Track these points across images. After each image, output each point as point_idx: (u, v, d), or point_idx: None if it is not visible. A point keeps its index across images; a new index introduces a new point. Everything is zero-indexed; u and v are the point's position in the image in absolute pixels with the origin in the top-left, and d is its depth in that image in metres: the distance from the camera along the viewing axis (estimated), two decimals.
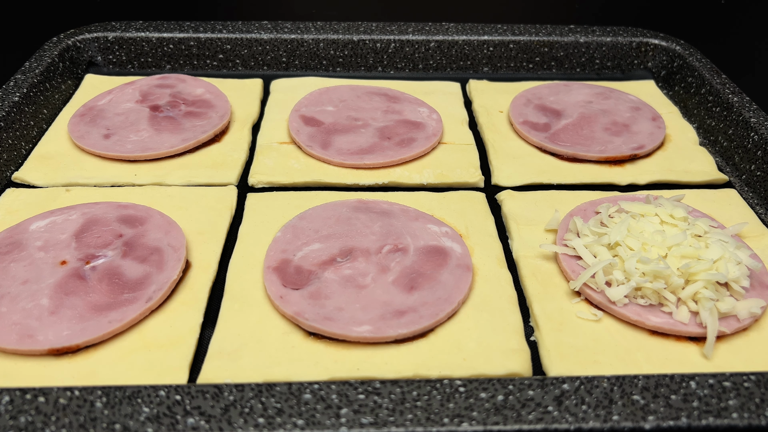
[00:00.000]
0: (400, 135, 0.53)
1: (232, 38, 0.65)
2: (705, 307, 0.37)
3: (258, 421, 0.29)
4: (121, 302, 0.37)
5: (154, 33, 0.65)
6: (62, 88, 0.61)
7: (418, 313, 0.37)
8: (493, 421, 0.30)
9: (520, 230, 0.45)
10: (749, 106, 0.55)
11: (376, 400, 0.30)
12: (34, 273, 0.39)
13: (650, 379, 0.32)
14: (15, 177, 0.49)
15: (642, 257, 0.38)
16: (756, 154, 0.52)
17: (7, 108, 0.52)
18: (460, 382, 0.31)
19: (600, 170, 0.52)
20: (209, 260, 0.42)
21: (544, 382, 0.31)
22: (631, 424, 0.30)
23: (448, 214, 0.46)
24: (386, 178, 0.50)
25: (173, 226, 0.43)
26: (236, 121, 0.56)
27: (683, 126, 0.58)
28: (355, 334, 0.36)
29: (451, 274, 0.40)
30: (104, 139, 0.52)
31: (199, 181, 0.49)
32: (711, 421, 0.30)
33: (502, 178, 0.51)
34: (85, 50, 0.65)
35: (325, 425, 0.29)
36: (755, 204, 0.50)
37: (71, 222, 0.43)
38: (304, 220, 0.44)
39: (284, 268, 0.40)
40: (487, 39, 0.66)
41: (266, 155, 0.52)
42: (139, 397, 0.30)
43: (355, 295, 0.38)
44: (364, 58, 0.66)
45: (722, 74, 0.60)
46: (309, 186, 0.49)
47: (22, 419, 0.29)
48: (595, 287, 0.39)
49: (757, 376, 0.32)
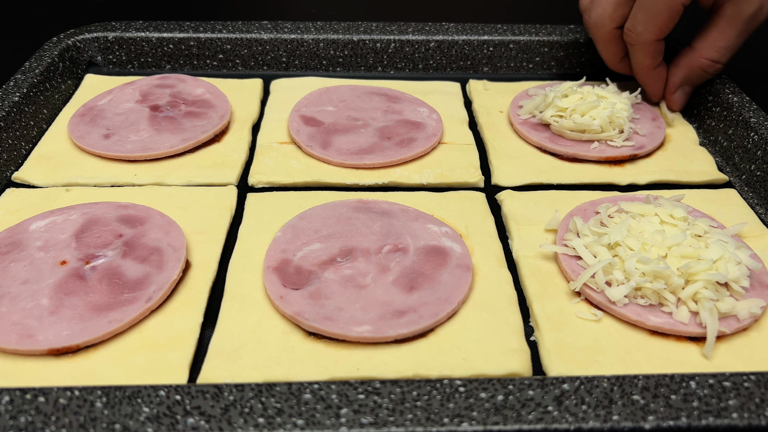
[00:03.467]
0: (400, 135, 0.53)
1: (232, 38, 0.65)
2: (705, 307, 0.37)
3: (258, 421, 0.29)
4: (121, 302, 0.37)
5: (154, 33, 0.65)
6: (62, 88, 0.61)
7: (418, 313, 0.37)
8: (493, 421, 0.30)
9: (520, 230, 0.45)
10: (749, 106, 0.55)
11: (376, 400, 0.30)
12: (34, 273, 0.39)
13: (650, 379, 0.32)
14: (15, 177, 0.49)
15: (642, 257, 0.38)
16: (756, 154, 0.52)
17: (7, 108, 0.52)
18: (460, 382, 0.31)
19: (600, 170, 0.52)
20: (209, 260, 0.42)
21: (544, 382, 0.31)
22: (631, 424, 0.30)
23: (448, 214, 0.46)
24: (386, 178, 0.50)
25: (173, 226, 0.43)
26: (236, 121, 0.56)
27: (683, 126, 0.58)
28: (355, 334, 0.36)
29: (451, 274, 0.40)
30: (104, 139, 0.52)
31: (199, 181, 0.49)
32: (711, 421, 0.30)
33: (502, 178, 0.51)
34: (85, 50, 0.65)
35: (325, 425, 0.29)
36: (755, 204, 0.50)
37: (71, 222, 0.43)
38: (304, 220, 0.44)
39: (284, 268, 0.40)
40: (487, 39, 0.66)
41: (266, 155, 0.52)
42: (139, 397, 0.30)
43: (355, 295, 0.38)
44: (364, 58, 0.66)
45: (722, 74, 0.60)
46: (309, 186, 0.49)
47: (22, 419, 0.29)
48: (595, 287, 0.39)
49: (757, 376, 0.32)
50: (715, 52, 0.54)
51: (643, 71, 0.57)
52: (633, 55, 0.56)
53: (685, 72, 0.56)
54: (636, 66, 0.57)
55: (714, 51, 0.54)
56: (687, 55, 0.56)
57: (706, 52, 0.54)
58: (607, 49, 0.58)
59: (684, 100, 0.58)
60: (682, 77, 0.56)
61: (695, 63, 0.55)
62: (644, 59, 0.55)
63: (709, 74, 0.56)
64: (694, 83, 0.57)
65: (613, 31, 0.55)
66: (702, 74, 0.56)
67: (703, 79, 0.57)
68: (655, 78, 0.57)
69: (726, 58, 0.54)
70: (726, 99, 0.57)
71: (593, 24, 0.56)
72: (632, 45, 0.54)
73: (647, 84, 0.58)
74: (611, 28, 0.55)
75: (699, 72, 0.56)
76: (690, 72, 0.56)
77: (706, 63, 0.54)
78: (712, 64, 0.55)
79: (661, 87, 0.58)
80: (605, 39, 0.56)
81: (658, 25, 0.52)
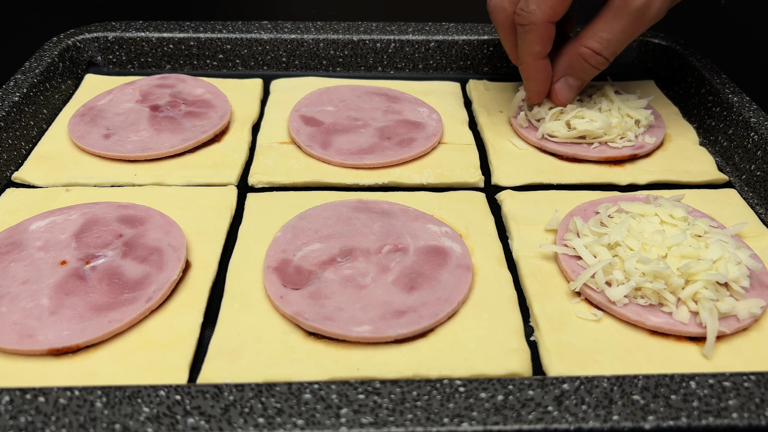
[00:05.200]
0: (400, 135, 0.53)
1: (232, 38, 0.65)
2: (705, 307, 0.37)
3: (258, 421, 0.29)
4: (121, 302, 0.37)
5: (154, 33, 0.65)
6: (62, 88, 0.61)
7: (418, 313, 0.37)
8: (493, 421, 0.30)
9: (520, 230, 0.45)
10: (749, 106, 0.55)
11: (376, 400, 0.30)
12: (34, 273, 0.39)
13: (650, 379, 0.32)
14: (15, 177, 0.49)
15: (642, 257, 0.38)
16: (756, 154, 0.52)
17: (7, 108, 0.52)
18: (460, 382, 0.31)
19: (600, 170, 0.52)
20: (209, 260, 0.42)
21: (544, 382, 0.31)
22: (631, 424, 0.30)
23: (448, 214, 0.46)
24: (386, 178, 0.50)
25: (173, 226, 0.43)
26: (236, 121, 0.56)
27: (683, 126, 0.58)
28: (355, 334, 0.36)
29: (451, 274, 0.40)
30: (104, 139, 0.52)
31: (199, 181, 0.49)
32: (711, 421, 0.30)
33: (502, 178, 0.51)
34: (85, 50, 0.65)
35: (325, 425, 0.29)
36: (755, 204, 0.50)
37: (71, 222, 0.43)
38: (304, 220, 0.44)
39: (284, 268, 0.40)
40: (487, 39, 0.66)
41: (266, 155, 0.52)
42: (139, 397, 0.30)
43: (355, 295, 0.38)
44: (364, 58, 0.66)
45: (722, 74, 0.60)
46: (309, 186, 0.49)
47: (22, 419, 0.29)
48: (595, 287, 0.39)
49: (757, 376, 0.32)
50: (597, 42, 0.50)
51: (529, 59, 0.52)
52: (521, 40, 0.51)
53: (566, 60, 0.52)
54: (524, 54, 0.52)
55: (595, 41, 0.50)
56: (571, 43, 0.52)
57: (587, 41, 0.51)
58: (508, 38, 0.53)
59: (569, 94, 0.53)
60: (564, 65, 0.53)
61: (576, 51, 0.51)
62: (533, 45, 0.50)
63: (592, 66, 0.51)
64: (578, 76, 0.53)
65: (513, 17, 0.51)
66: (584, 65, 0.51)
67: (587, 71, 0.52)
68: (542, 71, 0.52)
69: (608, 52, 0.51)
70: (726, 99, 0.57)
71: (493, 7, 0.52)
72: (523, 26, 0.50)
73: (531, 77, 0.53)
74: (511, 12, 0.51)
75: (580, 61, 0.51)
76: (571, 60, 0.52)
77: (586, 52, 0.51)
78: (592, 55, 0.51)
79: (545, 82, 0.53)
80: (506, 25, 0.52)
81: (551, 4, 0.48)
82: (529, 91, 0.54)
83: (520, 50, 0.52)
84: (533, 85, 0.53)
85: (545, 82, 0.53)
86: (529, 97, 0.55)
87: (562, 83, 0.53)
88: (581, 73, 0.52)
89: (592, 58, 0.51)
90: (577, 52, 0.51)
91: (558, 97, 0.53)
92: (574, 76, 0.53)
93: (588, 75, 0.53)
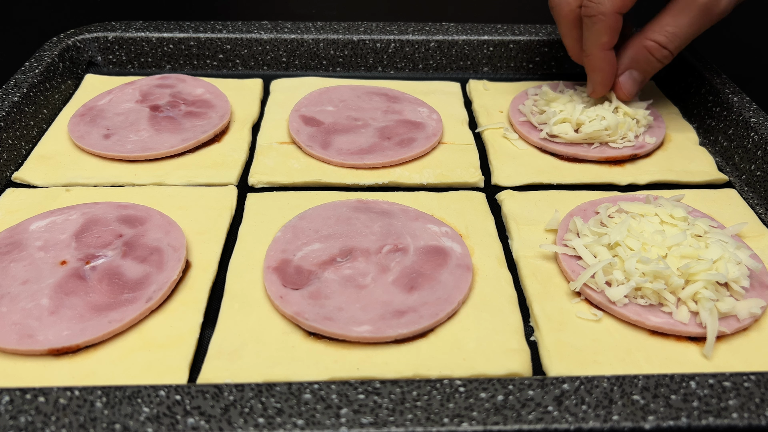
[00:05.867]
0: (400, 135, 0.53)
1: (232, 38, 0.65)
2: (705, 307, 0.37)
3: (258, 421, 0.29)
4: (121, 302, 0.37)
5: (154, 33, 0.65)
6: (62, 88, 0.61)
7: (418, 313, 0.37)
8: (493, 421, 0.30)
9: (520, 230, 0.45)
10: (749, 106, 0.55)
11: (376, 400, 0.30)
12: (34, 273, 0.39)
13: (650, 379, 0.32)
14: (15, 177, 0.49)
15: (642, 257, 0.38)
16: (756, 154, 0.52)
17: (7, 108, 0.52)
18: (460, 382, 0.31)
19: (600, 170, 0.52)
20: (209, 260, 0.42)
21: (544, 382, 0.31)
22: (631, 424, 0.30)
23: (448, 214, 0.46)
24: (386, 178, 0.50)
25: (173, 226, 0.43)
26: (236, 121, 0.56)
27: (683, 126, 0.58)
28: (355, 334, 0.36)
29: (451, 274, 0.40)
30: (104, 139, 0.52)
31: (199, 181, 0.49)
32: (711, 421, 0.30)
33: (502, 178, 0.51)
34: (85, 50, 0.65)
35: (325, 425, 0.29)
36: (755, 204, 0.50)
37: (71, 222, 0.43)
38: (304, 220, 0.44)
39: (284, 268, 0.40)
40: (487, 39, 0.66)
41: (266, 155, 0.52)
42: (139, 397, 0.30)
43: (355, 295, 0.38)
44: (364, 58, 0.66)
45: (722, 74, 0.60)
46: (309, 186, 0.49)
47: (22, 419, 0.29)
48: (595, 287, 0.39)
49: (757, 376, 0.32)
50: (663, 36, 0.50)
51: (596, 51, 0.51)
52: (588, 31, 0.51)
53: (631, 53, 0.52)
54: (589, 46, 0.52)
55: (662, 34, 0.50)
56: (635, 37, 0.52)
57: (653, 34, 0.51)
58: (570, 33, 0.53)
59: (633, 88, 0.53)
60: (628, 58, 0.53)
61: (642, 44, 0.51)
62: (601, 35, 0.50)
63: (657, 60, 0.52)
64: (643, 69, 0.53)
65: (578, 11, 0.51)
66: (649, 58, 0.52)
67: (651, 65, 0.52)
68: (608, 62, 0.52)
69: (674, 46, 0.51)
70: (726, 99, 0.56)
71: (557, 2, 0.52)
72: (590, 17, 0.50)
73: (598, 68, 0.52)
74: (575, 6, 0.51)
75: (645, 55, 0.51)
76: (636, 53, 0.52)
77: (652, 45, 0.51)
78: (658, 48, 0.51)
79: (611, 74, 0.53)
80: (569, 19, 0.52)
81: None
82: (594, 83, 0.54)
83: (587, 42, 0.52)
84: (599, 76, 0.53)
85: (611, 74, 0.53)
86: (594, 90, 0.54)
87: (626, 76, 0.53)
88: (645, 66, 0.52)
89: (658, 52, 0.51)
90: (642, 45, 0.51)
91: (622, 90, 0.53)
92: (638, 69, 0.53)
93: (652, 68, 0.53)
